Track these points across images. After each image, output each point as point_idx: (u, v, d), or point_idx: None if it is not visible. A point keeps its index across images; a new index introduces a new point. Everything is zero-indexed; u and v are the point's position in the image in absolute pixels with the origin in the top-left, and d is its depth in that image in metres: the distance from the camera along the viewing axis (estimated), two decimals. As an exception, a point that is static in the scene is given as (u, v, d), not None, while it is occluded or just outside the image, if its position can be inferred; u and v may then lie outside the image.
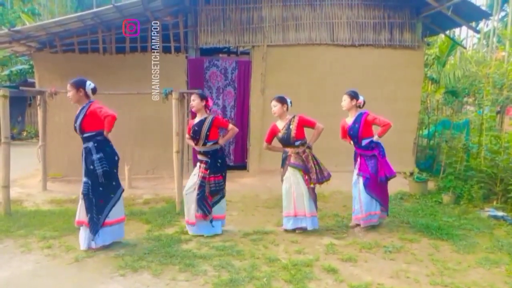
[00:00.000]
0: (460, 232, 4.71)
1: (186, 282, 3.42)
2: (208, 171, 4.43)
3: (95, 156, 3.96)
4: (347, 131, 4.85)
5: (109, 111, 4.00)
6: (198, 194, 4.43)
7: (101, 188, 4.00)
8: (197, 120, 4.54)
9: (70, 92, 4.06)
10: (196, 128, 4.45)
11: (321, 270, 3.66)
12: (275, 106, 4.61)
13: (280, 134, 4.63)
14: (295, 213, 4.62)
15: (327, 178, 4.60)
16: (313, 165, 4.53)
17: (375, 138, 4.71)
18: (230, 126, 4.57)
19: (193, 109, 4.57)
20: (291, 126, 4.55)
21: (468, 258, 4.01)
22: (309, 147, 4.62)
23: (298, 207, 4.59)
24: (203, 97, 4.52)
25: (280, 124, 4.65)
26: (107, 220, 4.06)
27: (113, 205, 4.10)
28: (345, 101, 4.75)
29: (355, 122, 4.75)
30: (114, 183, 4.12)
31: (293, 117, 4.59)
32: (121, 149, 4.36)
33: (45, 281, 3.46)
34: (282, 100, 4.61)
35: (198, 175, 4.49)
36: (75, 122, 4.05)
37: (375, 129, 4.78)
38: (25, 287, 3.37)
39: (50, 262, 3.84)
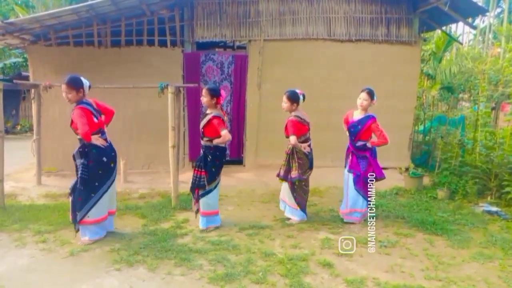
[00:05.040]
0: (454, 227, 4.74)
1: (182, 277, 3.42)
2: (197, 164, 4.50)
3: (78, 161, 4.02)
4: (348, 125, 4.83)
5: (108, 107, 4.13)
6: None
7: (81, 187, 3.96)
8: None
9: (70, 94, 3.90)
10: (201, 122, 4.50)
11: (316, 264, 3.68)
12: (285, 103, 4.65)
13: None
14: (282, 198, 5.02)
15: (282, 177, 4.74)
16: (284, 162, 4.75)
17: (368, 143, 4.73)
18: (223, 132, 4.27)
19: (204, 105, 4.51)
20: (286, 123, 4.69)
21: (463, 252, 4.04)
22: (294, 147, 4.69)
23: (282, 193, 5.00)
24: (213, 95, 4.32)
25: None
26: (86, 219, 4.00)
27: (93, 205, 4.00)
28: (366, 100, 4.65)
29: (359, 122, 4.70)
30: (97, 183, 4.00)
31: (290, 116, 4.68)
32: (117, 143, 4.34)
33: (40, 276, 3.45)
34: (293, 99, 4.63)
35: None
36: (71, 123, 4.01)
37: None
38: (20, 282, 3.36)
39: (45, 256, 3.83)
